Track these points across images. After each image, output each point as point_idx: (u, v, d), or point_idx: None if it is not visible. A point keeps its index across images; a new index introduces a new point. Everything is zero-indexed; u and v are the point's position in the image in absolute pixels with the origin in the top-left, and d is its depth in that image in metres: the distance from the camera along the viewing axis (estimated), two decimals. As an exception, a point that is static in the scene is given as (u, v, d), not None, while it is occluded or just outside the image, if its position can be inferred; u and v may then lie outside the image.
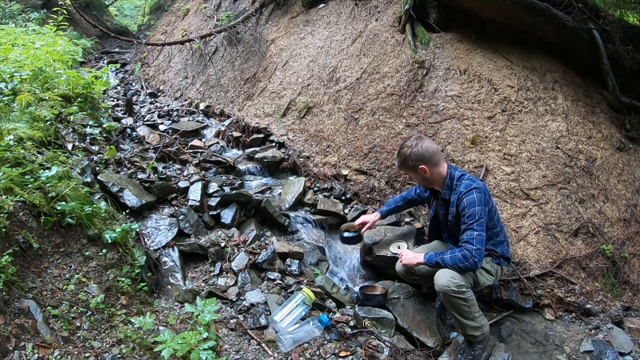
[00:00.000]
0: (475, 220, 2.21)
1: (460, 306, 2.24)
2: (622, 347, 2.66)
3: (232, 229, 3.15)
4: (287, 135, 4.52)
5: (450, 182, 2.38)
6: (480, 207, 2.23)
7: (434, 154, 2.37)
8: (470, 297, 2.26)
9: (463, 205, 2.26)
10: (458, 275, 2.22)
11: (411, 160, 2.37)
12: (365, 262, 3.17)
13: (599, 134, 3.91)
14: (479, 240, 2.20)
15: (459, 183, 2.33)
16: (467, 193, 2.26)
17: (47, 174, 2.37)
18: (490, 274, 2.45)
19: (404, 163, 2.42)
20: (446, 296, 2.22)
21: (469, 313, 2.26)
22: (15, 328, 1.76)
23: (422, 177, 2.42)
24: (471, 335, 2.31)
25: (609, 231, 3.31)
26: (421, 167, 2.36)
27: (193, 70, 6.43)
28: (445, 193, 2.40)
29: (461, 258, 2.21)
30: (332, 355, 2.20)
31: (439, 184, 2.43)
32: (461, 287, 2.20)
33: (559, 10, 3.96)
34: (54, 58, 4.42)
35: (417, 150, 2.35)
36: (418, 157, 2.35)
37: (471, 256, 2.18)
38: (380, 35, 4.69)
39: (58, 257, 2.18)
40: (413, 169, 2.40)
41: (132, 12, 14.68)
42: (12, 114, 3.06)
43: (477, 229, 2.21)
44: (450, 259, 2.25)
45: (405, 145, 2.41)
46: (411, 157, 2.36)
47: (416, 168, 2.37)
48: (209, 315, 2.05)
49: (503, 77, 3.99)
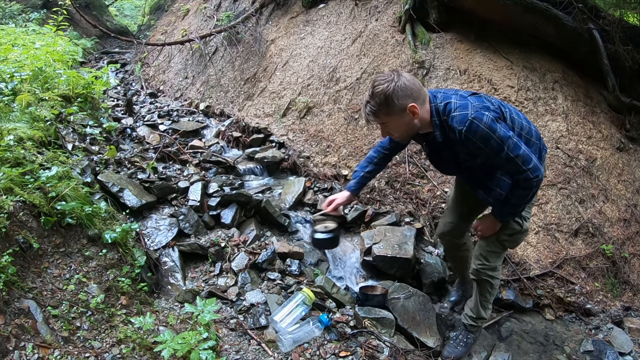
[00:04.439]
0: (504, 150, 1.72)
1: (485, 290, 2.32)
2: (622, 347, 2.66)
3: (232, 229, 3.15)
4: (287, 135, 4.52)
5: (439, 119, 1.81)
6: (498, 133, 1.70)
7: (420, 87, 1.77)
8: (496, 285, 2.34)
9: (476, 146, 1.74)
10: (494, 256, 2.23)
11: (397, 98, 1.70)
12: (365, 262, 3.17)
13: (599, 134, 3.91)
14: (526, 160, 1.75)
15: (450, 117, 1.77)
16: (469, 130, 1.71)
17: (47, 174, 2.37)
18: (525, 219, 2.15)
19: (384, 105, 1.73)
20: (479, 275, 2.27)
21: (487, 301, 2.37)
22: (15, 328, 1.76)
23: (407, 123, 1.79)
24: (473, 322, 2.43)
25: (609, 231, 3.31)
26: (411, 107, 1.72)
27: (193, 71, 6.43)
28: (437, 135, 1.84)
29: (526, 189, 1.83)
30: (332, 355, 2.20)
31: (426, 126, 1.85)
32: (495, 271, 2.27)
33: (559, 10, 3.96)
34: (54, 58, 4.42)
35: (403, 84, 1.70)
36: (406, 92, 1.71)
37: (532, 179, 1.78)
38: (380, 35, 4.69)
39: (58, 257, 2.18)
40: (398, 112, 1.74)
41: (132, 12, 14.68)
42: (12, 114, 3.06)
43: (515, 152, 1.73)
44: (518, 199, 1.89)
45: (381, 81, 1.72)
46: (397, 94, 1.69)
47: (403, 109, 1.73)
48: (209, 315, 2.05)
49: (503, 77, 3.99)
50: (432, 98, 1.83)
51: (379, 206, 3.62)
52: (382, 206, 3.61)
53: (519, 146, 1.74)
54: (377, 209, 3.59)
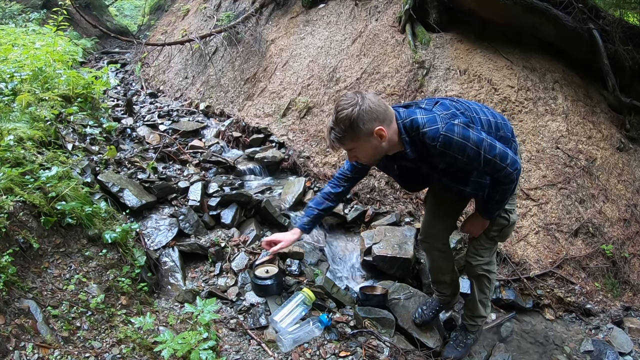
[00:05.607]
0: (482, 152, 1.68)
1: (484, 286, 2.31)
2: (622, 347, 2.66)
3: (232, 229, 3.15)
4: (287, 135, 4.52)
5: (408, 136, 1.73)
6: (472, 139, 1.66)
7: (386, 108, 1.68)
8: (493, 279, 2.33)
9: (452, 157, 1.68)
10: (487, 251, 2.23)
11: (363, 123, 1.60)
12: (365, 262, 3.17)
13: (599, 134, 3.91)
14: (503, 157, 1.72)
15: (420, 134, 1.68)
16: (443, 144, 1.64)
17: (47, 174, 2.37)
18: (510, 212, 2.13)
19: (349, 131, 1.63)
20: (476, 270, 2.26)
21: (487, 299, 2.36)
22: (15, 328, 1.76)
23: (375, 147, 1.70)
24: (473, 322, 2.41)
25: (609, 231, 3.31)
26: (378, 130, 1.63)
27: (193, 71, 6.43)
28: (409, 152, 1.75)
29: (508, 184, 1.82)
30: (332, 355, 2.20)
31: (395, 146, 1.77)
32: (490, 265, 2.26)
33: (559, 10, 3.96)
34: (54, 58, 4.41)
35: (367, 107, 1.61)
36: (371, 115, 1.62)
37: (512, 172, 1.76)
38: (380, 35, 4.69)
39: (58, 257, 2.18)
40: (365, 137, 1.65)
41: (132, 12, 14.69)
42: (12, 114, 3.06)
43: (491, 152, 1.69)
44: (502, 194, 1.88)
45: (345, 105, 1.62)
46: (362, 119, 1.60)
47: (370, 133, 1.64)
48: (209, 315, 2.05)
49: (503, 77, 3.99)
50: (397, 115, 1.74)
51: (379, 206, 3.62)
52: (382, 206, 3.61)
53: (494, 145, 1.71)
54: (377, 209, 3.59)
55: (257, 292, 2.55)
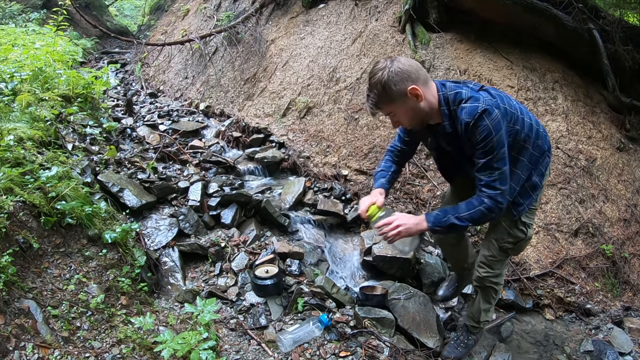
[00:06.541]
0: (494, 155, 1.66)
1: (490, 296, 2.30)
2: (622, 347, 2.66)
3: (232, 229, 3.15)
4: (287, 136, 4.52)
5: (448, 108, 1.72)
6: (498, 135, 1.64)
7: (418, 68, 1.67)
8: (500, 290, 2.33)
9: (476, 139, 1.66)
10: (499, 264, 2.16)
11: (394, 84, 1.61)
12: (365, 262, 3.17)
13: (599, 134, 3.91)
14: (502, 180, 1.69)
15: (459, 107, 1.68)
16: (475, 123, 1.63)
17: (47, 174, 2.37)
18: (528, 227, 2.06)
19: (383, 93, 1.64)
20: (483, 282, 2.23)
21: (491, 306, 2.36)
22: (15, 328, 1.76)
23: (413, 108, 1.69)
24: (475, 324, 2.41)
25: (609, 231, 3.31)
26: (411, 89, 1.62)
27: (193, 71, 6.43)
28: (447, 125, 1.74)
29: (485, 212, 1.72)
30: (332, 355, 2.20)
31: (434, 115, 1.75)
32: (499, 277, 2.24)
33: (559, 10, 3.96)
34: (54, 58, 4.42)
35: (397, 68, 1.61)
36: (402, 75, 1.61)
37: (496, 205, 1.70)
38: (380, 35, 4.70)
39: (58, 257, 2.18)
40: (399, 98, 1.64)
41: (132, 12, 14.69)
42: (12, 114, 3.06)
43: (497, 165, 1.67)
44: (471, 215, 1.74)
45: (375, 70, 1.64)
46: (393, 80, 1.61)
47: (404, 94, 1.63)
48: (209, 315, 2.05)
49: (503, 77, 3.99)
50: (440, 87, 1.74)
51: (379, 206, 3.61)
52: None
53: (505, 162, 1.69)
54: (377, 209, 3.59)
55: (257, 292, 2.56)
